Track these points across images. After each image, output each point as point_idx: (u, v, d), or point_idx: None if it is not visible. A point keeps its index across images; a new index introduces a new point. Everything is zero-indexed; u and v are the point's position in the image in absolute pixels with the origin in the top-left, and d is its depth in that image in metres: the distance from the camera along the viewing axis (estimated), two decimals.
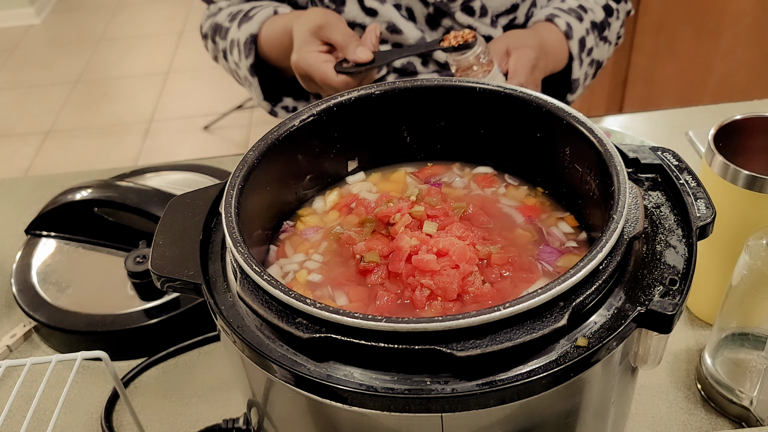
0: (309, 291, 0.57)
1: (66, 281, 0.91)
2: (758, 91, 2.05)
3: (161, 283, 0.53)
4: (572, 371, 0.44)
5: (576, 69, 1.11)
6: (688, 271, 0.48)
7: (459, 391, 0.42)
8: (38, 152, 3.05)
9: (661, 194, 0.56)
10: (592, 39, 1.13)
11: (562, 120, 0.58)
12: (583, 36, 1.11)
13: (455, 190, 0.67)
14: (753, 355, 0.71)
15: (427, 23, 1.09)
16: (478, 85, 0.62)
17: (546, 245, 0.59)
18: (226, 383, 0.83)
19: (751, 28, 2.00)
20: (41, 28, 4.09)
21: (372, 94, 0.63)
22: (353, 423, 0.47)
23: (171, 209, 0.58)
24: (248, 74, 1.09)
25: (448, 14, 1.07)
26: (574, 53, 1.10)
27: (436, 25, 1.10)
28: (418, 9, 1.08)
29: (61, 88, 3.48)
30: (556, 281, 0.44)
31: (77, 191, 0.94)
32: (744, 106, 1.20)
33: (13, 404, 0.82)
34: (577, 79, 1.13)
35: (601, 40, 1.15)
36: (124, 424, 0.79)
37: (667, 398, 0.76)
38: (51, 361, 0.65)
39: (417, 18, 1.09)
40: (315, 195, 0.68)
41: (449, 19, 1.08)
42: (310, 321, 0.45)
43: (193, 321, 0.87)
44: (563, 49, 1.10)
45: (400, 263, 0.54)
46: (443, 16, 1.08)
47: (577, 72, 1.12)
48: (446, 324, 0.42)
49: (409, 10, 1.08)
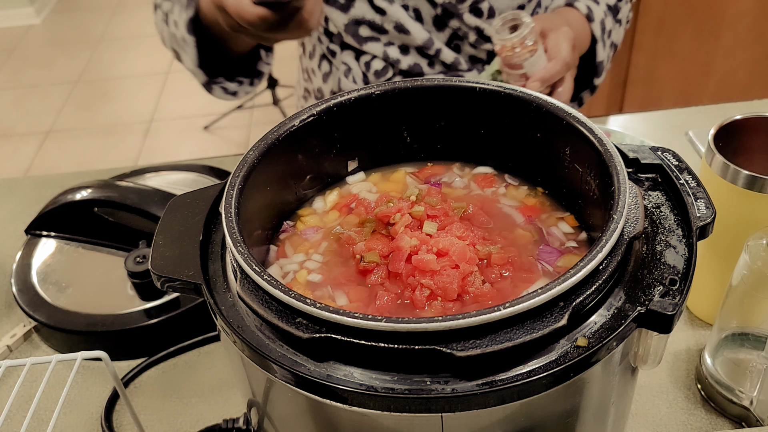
0: (309, 291, 0.57)
1: (66, 281, 0.91)
2: (758, 91, 2.05)
3: (161, 283, 0.53)
4: (572, 371, 0.44)
5: (600, 51, 1.11)
6: (688, 271, 0.48)
7: (459, 391, 0.42)
8: (38, 152, 3.05)
9: (661, 194, 0.56)
10: (610, 21, 1.13)
11: (562, 120, 0.58)
12: (603, 18, 1.11)
13: (455, 190, 0.67)
14: (753, 355, 0.71)
15: (434, 24, 1.09)
16: (478, 85, 0.62)
17: (546, 245, 0.59)
18: (226, 383, 0.82)
19: (751, 28, 2.00)
20: (41, 28, 4.09)
21: (372, 94, 0.63)
22: (353, 423, 0.47)
23: (171, 209, 0.58)
24: (185, 32, 0.95)
25: (455, 15, 1.07)
26: (597, 35, 1.09)
27: (443, 26, 1.09)
28: (425, 10, 1.08)
29: (61, 88, 3.48)
30: (556, 281, 0.44)
31: (77, 191, 0.94)
32: (744, 106, 1.20)
33: (13, 404, 0.82)
34: (602, 62, 1.12)
35: (616, 23, 1.15)
36: (124, 424, 0.79)
37: (667, 398, 0.76)
38: (51, 361, 0.65)
39: (424, 19, 1.08)
40: (315, 195, 0.68)
41: (457, 20, 1.08)
42: (310, 321, 0.45)
43: (193, 321, 0.87)
44: (586, 31, 1.09)
45: (400, 263, 0.54)
46: (451, 17, 1.08)
47: (601, 54, 1.11)
48: (446, 324, 0.42)
49: (416, 11, 1.08)
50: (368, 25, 1.07)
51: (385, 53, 1.10)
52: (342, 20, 1.08)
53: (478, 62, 1.15)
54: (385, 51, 1.10)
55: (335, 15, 1.08)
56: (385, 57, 1.10)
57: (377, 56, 1.11)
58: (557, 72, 0.95)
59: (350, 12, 1.07)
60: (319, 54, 1.20)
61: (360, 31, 1.08)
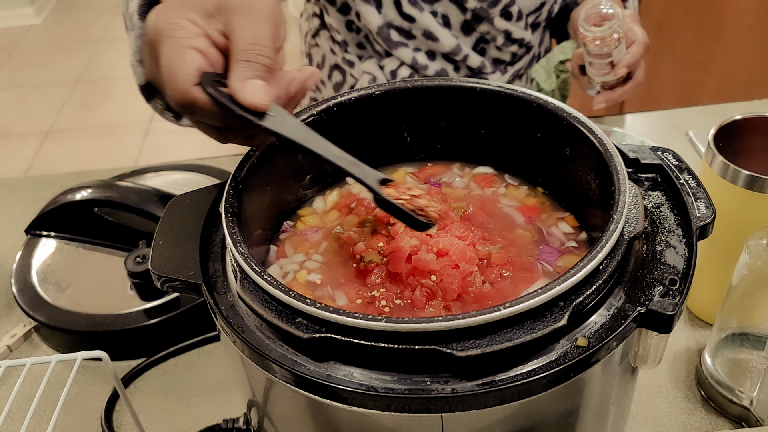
0: (309, 291, 0.57)
1: (66, 281, 0.91)
2: (758, 91, 2.05)
3: (161, 283, 0.53)
4: (572, 371, 0.44)
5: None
6: (688, 271, 0.48)
7: (459, 391, 0.42)
8: (38, 152, 3.05)
9: (661, 194, 0.56)
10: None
11: (562, 120, 0.58)
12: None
13: (455, 190, 0.67)
14: (753, 355, 0.71)
15: (462, 29, 1.09)
16: (478, 85, 0.62)
17: (546, 245, 0.59)
18: (226, 383, 0.82)
19: (751, 28, 2.00)
20: (41, 28, 4.09)
21: (372, 94, 0.63)
22: (353, 423, 0.47)
23: (171, 209, 0.58)
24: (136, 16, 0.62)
25: (486, 19, 1.07)
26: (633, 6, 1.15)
27: (471, 30, 1.10)
28: (454, 15, 1.07)
29: (61, 88, 3.48)
30: (556, 281, 0.44)
31: (77, 191, 0.94)
32: (744, 106, 1.20)
33: (13, 404, 0.82)
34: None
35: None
36: (124, 424, 0.79)
37: (667, 398, 0.76)
38: (51, 361, 0.65)
39: (452, 24, 1.08)
40: (315, 195, 0.68)
41: (487, 24, 1.08)
42: (310, 321, 0.45)
43: (193, 321, 0.87)
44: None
45: (400, 263, 0.54)
46: (480, 22, 1.08)
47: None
48: (446, 324, 0.42)
49: (444, 17, 1.08)
50: (397, 30, 1.07)
51: (414, 59, 1.10)
52: (377, 22, 1.07)
53: (501, 64, 1.16)
54: (413, 57, 1.10)
55: (371, 17, 1.06)
56: (413, 63, 1.10)
57: (404, 62, 1.11)
58: (641, 55, 1.00)
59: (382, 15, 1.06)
60: (330, 65, 1.19)
61: (391, 35, 1.08)
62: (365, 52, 1.14)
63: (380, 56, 1.13)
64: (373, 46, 1.12)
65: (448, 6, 1.06)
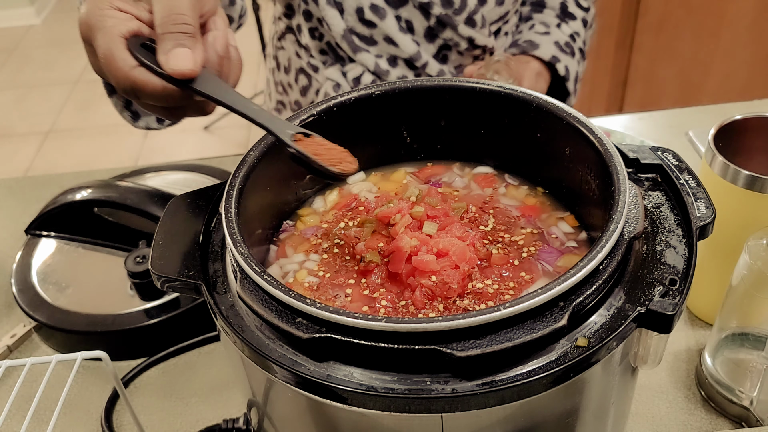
0: (309, 291, 0.57)
1: (66, 281, 0.91)
2: (758, 91, 2.05)
3: (161, 283, 0.53)
4: (572, 371, 0.44)
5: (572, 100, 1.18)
6: (688, 271, 0.48)
7: (459, 391, 0.42)
8: (38, 152, 3.05)
9: (661, 194, 0.56)
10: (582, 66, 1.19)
11: (562, 120, 0.58)
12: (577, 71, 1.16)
13: (455, 190, 0.67)
14: (753, 355, 0.71)
15: (425, 36, 1.09)
16: (478, 85, 0.62)
17: (546, 245, 0.59)
18: (226, 383, 0.82)
19: (751, 28, 2.00)
20: (41, 28, 4.09)
21: (372, 94, 0.63)
22: (353, 423, 0.47)
23: (171, 209, 0.58)
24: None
25: (450, 26, 1.07)
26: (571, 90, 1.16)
27: (434, 37, 1.10)
28: (418, 21, 1.07)
29: (61, 88, 3.48)
30: (556, 281, 0.44)
31: (77, 191, 0.94)
32: (744, 106, 1.20)
33: (13, 404, 0.81)
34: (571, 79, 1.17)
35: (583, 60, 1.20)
36: (124, 424, 0.79)
37: (667, 398, 0.76)
38: (51, 361, 0.65)
39: (416, 30, 1.08)
40: (315, 195, 0.68)
41: (450, 31, 1.08)
42: (310, 321, 0.45)
43: (193, 321, 0.87)
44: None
45: (400, 264, 0.54)
46: (444, 28, 1.08)
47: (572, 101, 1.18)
48: (446, 324, 0.42)
49: (408, 23, 1.07)
50: (358, 36, 1.07)
51: (376, 64, 1.10)
52: (341, 27, 1.07)
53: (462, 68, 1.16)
54: (376, 62, 1.10)
55: (335, 21, 1.07)
56: (376, 68, 1.10)
57: (368, 68, 1.11)
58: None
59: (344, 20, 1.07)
60: (296, 68, 1.19)
61: (354, 40, 1.08)
62: (328, 58, 1.14)
63: (343, 62, 1.12)
64: (336, 53, 1.12)
65: (412, 11, 1.06)
